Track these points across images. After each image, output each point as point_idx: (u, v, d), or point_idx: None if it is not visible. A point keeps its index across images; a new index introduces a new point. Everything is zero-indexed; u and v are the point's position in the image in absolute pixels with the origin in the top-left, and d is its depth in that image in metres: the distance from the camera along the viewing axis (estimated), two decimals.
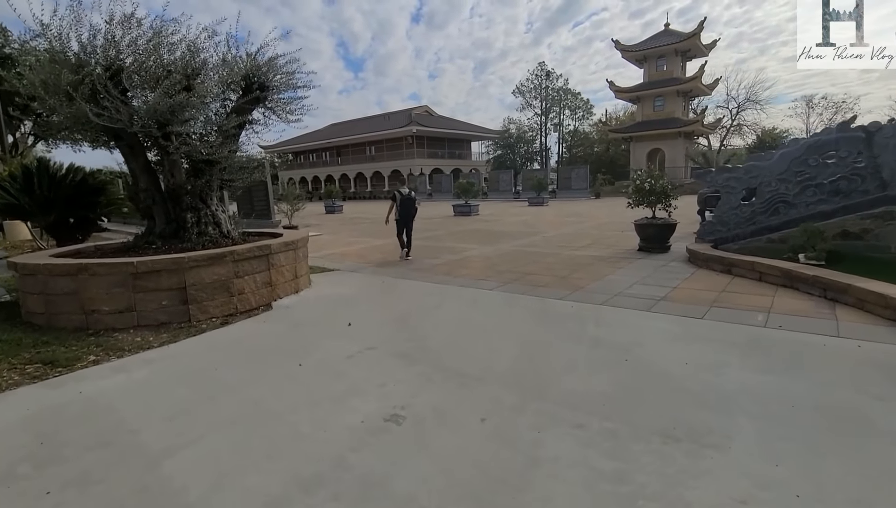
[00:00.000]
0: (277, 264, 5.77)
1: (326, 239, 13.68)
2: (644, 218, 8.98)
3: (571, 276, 6.96)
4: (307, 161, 62.04)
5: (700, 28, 36.42)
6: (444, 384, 3.34)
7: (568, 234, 12.52)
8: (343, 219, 22.21)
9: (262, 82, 6.44)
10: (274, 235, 6.98)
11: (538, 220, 17.39)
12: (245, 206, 15.89)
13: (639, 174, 8.77)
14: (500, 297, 5.86)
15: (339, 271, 8.22)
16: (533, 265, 7.97)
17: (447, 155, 53.25)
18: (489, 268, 7.89)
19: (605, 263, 7.96)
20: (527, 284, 6.54)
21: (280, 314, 5.36)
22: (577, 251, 9.40)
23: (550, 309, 5.19)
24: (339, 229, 17.08)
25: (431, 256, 9.57)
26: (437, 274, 7.58)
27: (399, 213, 9.29)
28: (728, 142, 48.15)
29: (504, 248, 10.26)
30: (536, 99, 55.51)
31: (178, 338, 4.56)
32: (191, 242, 5.69)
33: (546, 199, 27.67)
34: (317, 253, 10.64)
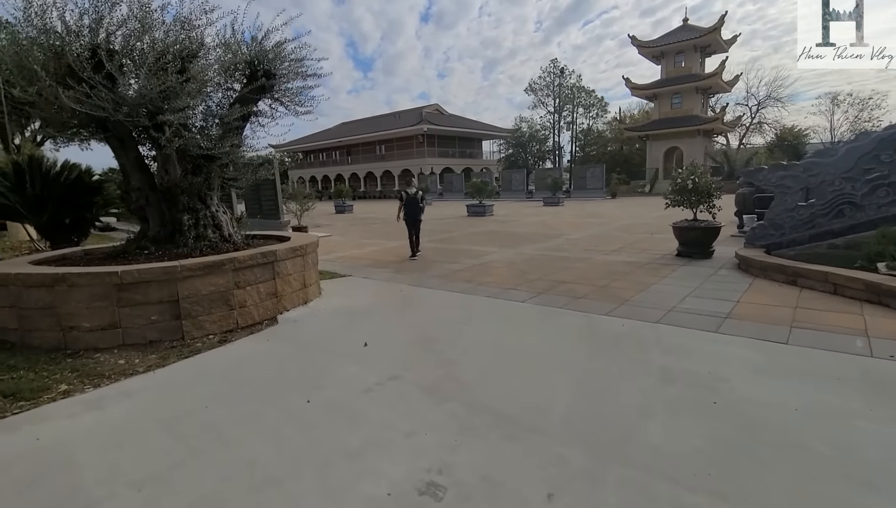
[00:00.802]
0: (284, 273, 5.11)
1: (336, 240, 13.05)
2: (684, 220, 8.19)
3: (611, 285, 6.22)
4: (317, 160, 61.74)
5: (721, 22, 35.26)
6: (487, 433, 2.64)
7: (593, 236, 11.75)
8: (353, 219, 21.62)
9: (268, 70, 5.80)
10: (281, 238, 6.33)
11: (557, 221, 16.61)
12: (253, 205, 15.33)
13: (680, 172, 7.98)
14: (536, 311, 5.14)
15: (351, 278, 7.56)
16: (564, 272, 7.23)
17: (458, 154, 52.52)
18: (516, 275, 7.17)
19: (644, 270, 7.20)
20: (562, 294, 5.81)
21: (286, 331, 4.70)
22: (608, 256, 8.64)
23: (599, 327, 4.46)
24: (349, 229, 16.47)
25: (450, 259, 8.87)
26: (459, 281, 6.88)
27: (404, 213, 9.22)
28: (747, 140, 46.81)
29: (527, 252, 9.53)
30: (549, 97, 54.50)
31: (168, 360, 3.92)
32: (187, 247, 5.06)
33: (561, 199, 26.84)
34: (326, 256, 10.00)
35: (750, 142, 46.74)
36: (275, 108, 6.58)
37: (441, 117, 52.68)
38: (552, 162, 57.48)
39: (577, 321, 4.70)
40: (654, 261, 7.91)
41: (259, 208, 14.99)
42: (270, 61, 5.85)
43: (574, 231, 13.00)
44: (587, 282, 6.50)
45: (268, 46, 5.85)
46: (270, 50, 5.71)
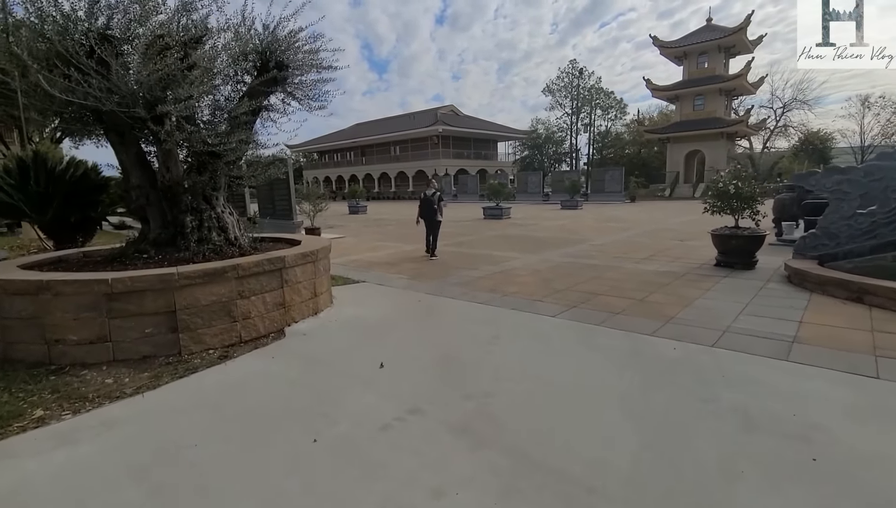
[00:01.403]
0: (293, 281, 4.66)
1: (350, 243, 12.64)
2: (724, 227, 7.56)
3: (650, 299, 5.64)
4: (331, 161, 61.79)
5: (747, 22, 34.20)
6: (537, 496, 2.12)
7: (619, 242, 11.13)
8: (367, 220, 21.25)
9: (280, 61, 5.38)
10: (291, 242, 5.90)
11: (578, 225, 15.99)
12: (266, 205, 15.05)
13: (721, 175, 7.36)
14: (571, 328, 4.60)
15: (365, 284, 7.10)
16: (595, 282, 6.67)
17: (473, 155, 52.01)
18: (543, 285, 6.63)
19: (683, 281, 6.60)
20: (597, 308, 5.26)
21: (294, 346, 4.24)
22: (640, 265, 8.04)
23: (647, 351, 3.91)
24: (363, 231, 16.07)
25: (469, 265, 8.36)
26: (481, 290, 6.37)
27: (420, 213, 9.46)
28: (771, 144, 45.43)
29: (552, 258, 8.97)
30: (567, 98, 53.71)
31: (161, 380, 3.48)
32: (189, 251, 4.63)
33: (580, 202, 26.15)
34: (339, 259, 9.57)
35: (774, 146, 45.40)
36: (287, 102, 6.18)
37: (456, 118, 52.23)
38: (568, 164, 56.66)
39: (620, 342, 4.15)
40: (692, 271, 7.29)
41: (272, 208, 14.69)
42: (283, 52, 5.44)
43: (598, 236, 12.39)
44: (622, 294, 5.94)
45: (280, 35, 5.43)
46: (283, 39, 5.29)
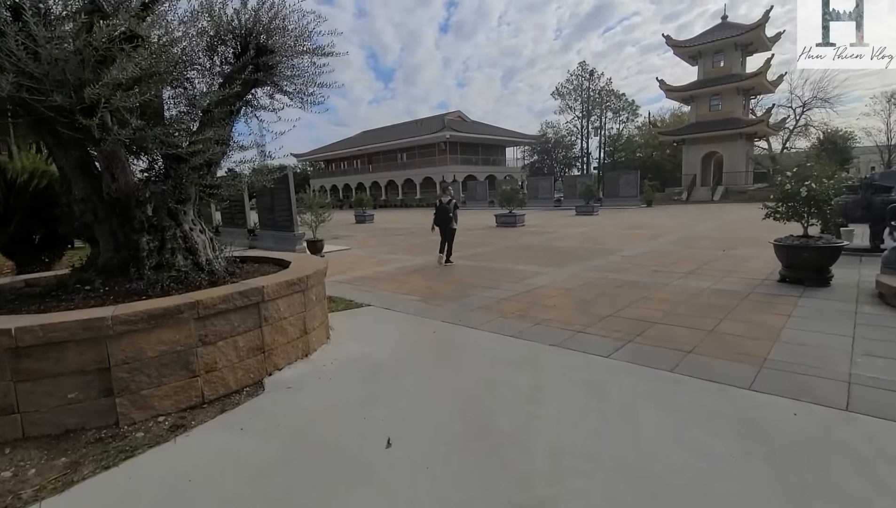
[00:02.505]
0: (275, 318, 3.64)
1: (355, 256, 11.65)
2: (791, 237, 6.43)
3: (722, 329, 4.54)
4: (338, 169, 61.26)
5: (765, 18, 33.02)
6: None
7: (652, 253, 10.00)
8: (374, 229, 20.31)
9: (261, 44, 4.42)
10: (280, 262, 4.90)
11: (600, 233, 14.86)
12: (266, 216, 14.15)
13: (787, 176, 6.25)
14: (636, 376, 3.52)
15: (371, 308, 6.08)
16: (643, 306, 5.58)
17: (481, 161, 51.08)
18: (581, 309, 5.55)
19: (750, 303, 5.48)
20: (659, 343, 4.18)
21: (274, 406, 3.20)
22: (687, 281, 6.93)
23: (758, 419, 2.81)
24: (369, 241, 15.10)
25: (489, 282, 7.30)
26: (508, 317, 5.31)
27: (434, 221, 9.38)
28: (791, 144, 43.89)
29: (582, 273, 7.88)
30: (577, 101, 52.65)
31: (79, 471, 2.47)
32: (144, 280, 3.64)
33: (596, 207, 24.99)
34: (342, 275, 8.57)
35: (794, 146, 43.86)
36: (275, 97, 5.23)
37: (464, 124, 51.42)
38: (579, 169, 55.53)
39: (714, 401, 3.05)
40: (755, 289, 6.17)
41: (273, 219, 13.78)
42: (266, 33, 4.49)
43: (625, 246, 11.26)
44: (683, 322, 4.84)
45: (263, 15, 4.48)
46: (265, 14, 4.32)
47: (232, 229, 15.99)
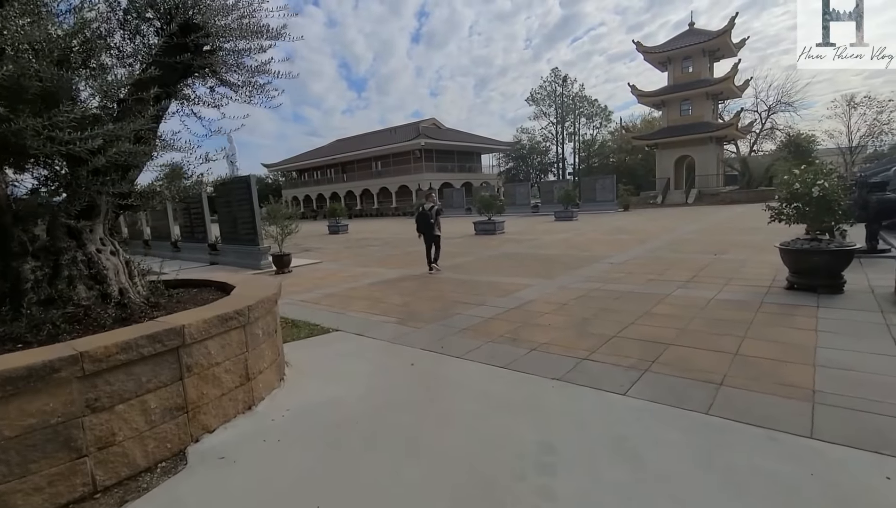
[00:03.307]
0: (202, 365, 2.79)
1: (326, 270, 10.74)
2: (798, 240, 5.93)
3: (748, 351, 3.91)
4: (311, 179, 59.79)
5: (731, 25, 33.79)
6: None
7: (643, 260, 9.47)
8: (348, 240, 19.37)
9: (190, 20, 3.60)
10: (223, 286, 4.03)
11: (583, 239, 14.36)
12: (228, 229, 13.08)
13: (795, 174, 5.75)
14: (664, 422, 2.81)
15: (339, 334, 5.25)
16: (649, 322, 4.93)
17: (457, 169, 50.62)
18: (580, 328, 4.86)
19: (767, 317, 4.90)
20: (681, 372, 3.50)
21: (196, 494, 2.35)
22: (689, 291, 6.35)
23: (838, 483, 2.13)
24: (342, 254, 14.19)
25: (473, 298, 6.56)
26: (498, 341, 4.57)
27: (416, 228, 9.23)
28: (758, 147, 45.05)
29: (573, 284, 7.23)
30: (551, 107, 52.94)
31: None
32: (23, 321, 2.73)
33: (575, 213, 24.68)
34: (309, 294, 7.70)
35: (761, 148, 45.03)
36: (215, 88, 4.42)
37: (438, 131, 50.97)
38: (555, 174, 55.75)
39: (777, 461, 2.36)
40: (765, 299, 5.62)
41: (235, 232, 12.73)
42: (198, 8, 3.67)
43: (613, 252, 10.72)
44: (700, 342, 4.20)
45: None
46: None
47: (192, 244, 14.83)
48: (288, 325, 5.74)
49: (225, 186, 12.89)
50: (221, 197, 13.07)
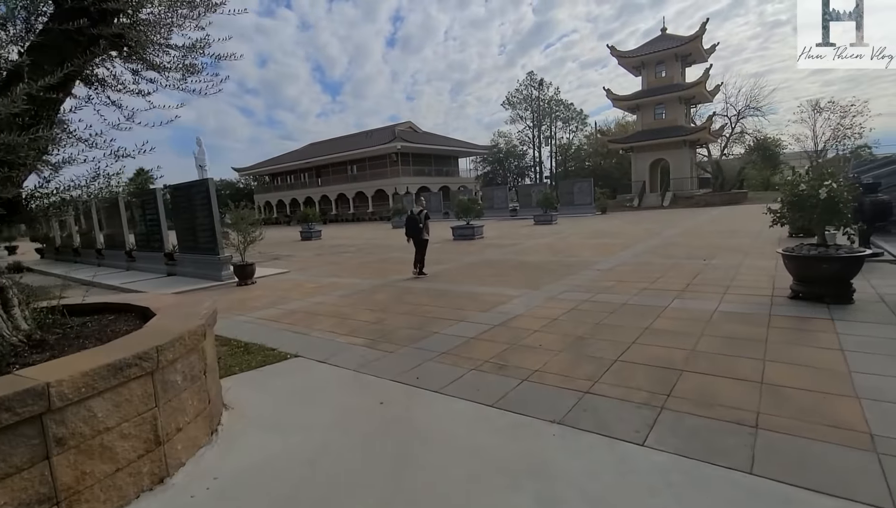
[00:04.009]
0: (83, 436, 2.02)
1: (293, 281, 9.90)
2: (803, 245, 5.50)
3: (772, 379, 3.35)
4: (284, 183, 58.16)
5: (702, 30, 34.28)
6: None
7: (630, 266, 8.99)
8: (320, 247, 18.45)
9: None
10: (145, 313, 3.24)
11: (566, 243, 13.90)
12: (186, 237, 12.06)
13: (799, 175, 5.31)
14: (703, 491, 2.20)
15: (298, 361, 4.50)
16: (653, 341, 4.35)
17: (434, 172, 50.05)
18: (575, 350, 4.24)
19: (780, 333, 4.39)
20: (704, 410, 2.91)
21: None
22: (686, 302, 5.84)
23: None
24: (313, 262, 13.32)
25: (453, 313, 5.89)
26: (483, 369, 3.91)
27: (405, 232, 9.32)
28: (729, 151, 46.06)
29: (561, 295, 6.64)
30: (527, 110, 52.97)
31: None
32: None
33: (554, 216, 24.35)
34: (271, 310, 6.90)
35: (731, 152, 46.05)
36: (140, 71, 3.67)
37: (415, 135, 50.30)
38: (532, 178, 55.80)
39: None
40: (772, 311, 5.13)
41: (194, 240, 11.72)
42: None
43: (598, 258, 10.24)
44: (716, 367, 3.63)
45: None
46: None
47: (148, 254, 13.70)
48: (239, 350, 4.95)
49: (183, 190, 11.90)
50: (179, 202, 12.06)
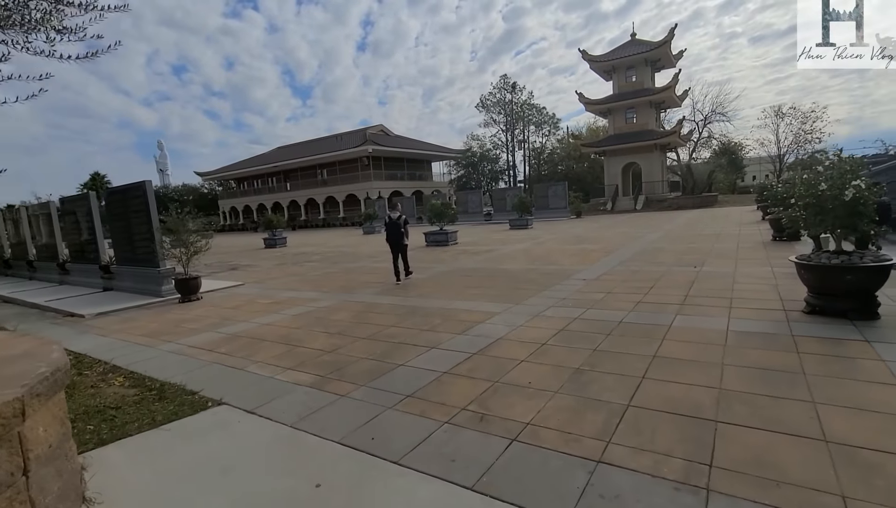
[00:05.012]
0: None
1: (245, 295, 8.75)
2: (820, 253, 4.83)
3: (837, 435, 2.56)
4: (251, 188, 55.92)
5: (671, 36, 34.67)
6: None
7: (616, 275, 8.27)
8: (285, 256, 17.19)
9: None
10: None
11: (544, 250, 13.17)
12: (124, 248, 10.68)
13: (819, 171, 4.64)
14: None
15: (221, 410, 3.48)
16: (669, 376, 3.53)
17: (407, 176, 49.04)
18: (574, 390, 3.37)
19: (816, 361, 3.65)
20: (770, 498, 2.08)
21: None
22: (690, 320, 5.09)
23: None
24: (273, 272, 12.13)
25: (423, 338, 4.93)
26: (458, 422, 2.99)
27: (386, 237, 9.06)
28: (697, 155, 46.90)
29: (547, 312, 5.80)
30: (501, 114, 52.69)
31: None
32: None
33: (529, 221, 23.75)
34: (210, 333, 5.79)
35: (699, 156, 46.91)
36: None
37: (387, 138, 49.18)
38: (506, 182, 55.50)
39: None
40: (793, 331, 4.41)
41: (132, 250, 10.37)
42: None
43: (581, 266, 9.50)
44: (757, 416, 2.82)
45: None
46: None
47: (83, 266, 12.18)
48: (150, 395, 3.89)
49: (118, 195, 10.54)
50: (115, 208, 10.68)
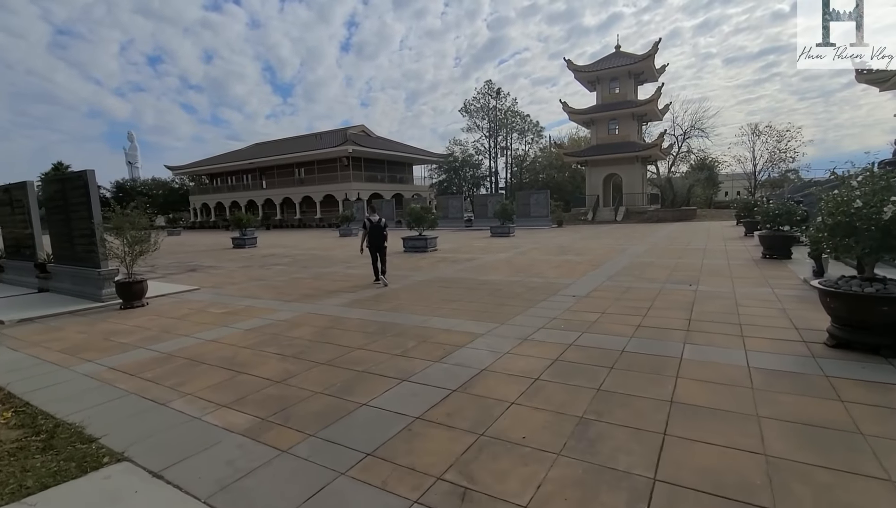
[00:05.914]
0: None
1: (197, 303, 7.76)
2: (846, 278, 4.26)
3: None
4: (225, 185, 53.97)
5: (654, 49, 34.90)
6: None
7: (607, 291, 7.63)
8: (252, 257, 16.08)
9: None
10: None
11: (527, 260, 12.52)
12: (62, 245, 9.52)
13: (853, 186, 4.05)
14: None
15: (118, 470, 2.60)
16: (696, 434, 2.83)
17: (387, 179, 48.08)
18: (580, 449, 2.63)
19: (866, 412, 3.02)
20: None
21: None
22: (701, 350, 4.45)
23: None
24: (235, 276, 11.10)
25: (393, 366, 4.13)
26: (434, 501, 2.21)
27: (368, 241, 9.02)
28: (676, 169, 47.50)
29: (537, 335, 5.07)
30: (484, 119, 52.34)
31: None
32: None
33: (511, 228, 23.20)
34: (137, 351, 4.82)
35: (678, 170, 47.51)
36: None
37: (368, 139, 48.14)
38: (487, 188, 55.13)
39: None
40: (824, 370, 3.80)
41: (71, 248, 9.23)
42: None
43: (568, 279, 8.86)
44: (823, 498, 2.14)
45: None
46: None
47: (19, 264, 10.91)
48: (36, 442, 3.00)
49: (57, 185, 9.38)
50: (54, 200, 9.51)
